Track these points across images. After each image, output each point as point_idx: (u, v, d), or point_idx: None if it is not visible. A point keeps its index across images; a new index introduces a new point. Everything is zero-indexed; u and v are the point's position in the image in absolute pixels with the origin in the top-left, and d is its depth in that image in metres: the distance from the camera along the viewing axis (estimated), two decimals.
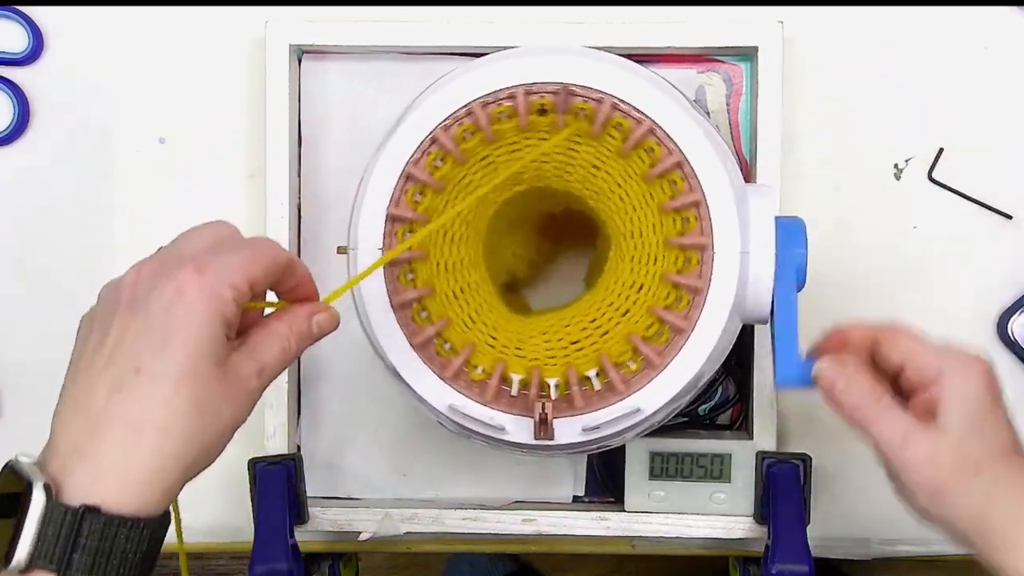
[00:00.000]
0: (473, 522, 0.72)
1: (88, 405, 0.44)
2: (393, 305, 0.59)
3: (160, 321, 0.44)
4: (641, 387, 0.58)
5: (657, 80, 0.62)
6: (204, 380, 0.44)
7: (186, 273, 0.44)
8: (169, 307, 0.44)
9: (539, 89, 0.58)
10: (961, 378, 0.55)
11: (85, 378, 0.45)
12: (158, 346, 0.44)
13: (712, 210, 0.58)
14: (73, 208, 0.75)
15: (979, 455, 0.54)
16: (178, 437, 0.44)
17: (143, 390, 0.43)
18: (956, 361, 0.56)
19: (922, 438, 0.54)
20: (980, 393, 0.55)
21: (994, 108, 0.72)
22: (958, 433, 0.54)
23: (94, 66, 0.74)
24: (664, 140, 0.58)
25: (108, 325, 0.45)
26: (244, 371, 0.46)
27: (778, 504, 0.67)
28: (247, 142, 0.74)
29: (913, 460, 0.54)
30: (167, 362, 0.44)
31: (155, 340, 0.44)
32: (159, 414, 0.43)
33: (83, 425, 0.44)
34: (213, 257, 0.46)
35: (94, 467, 0.43)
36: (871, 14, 0.72)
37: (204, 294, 0.44)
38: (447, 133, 0.58)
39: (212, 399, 0.44)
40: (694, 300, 0.58)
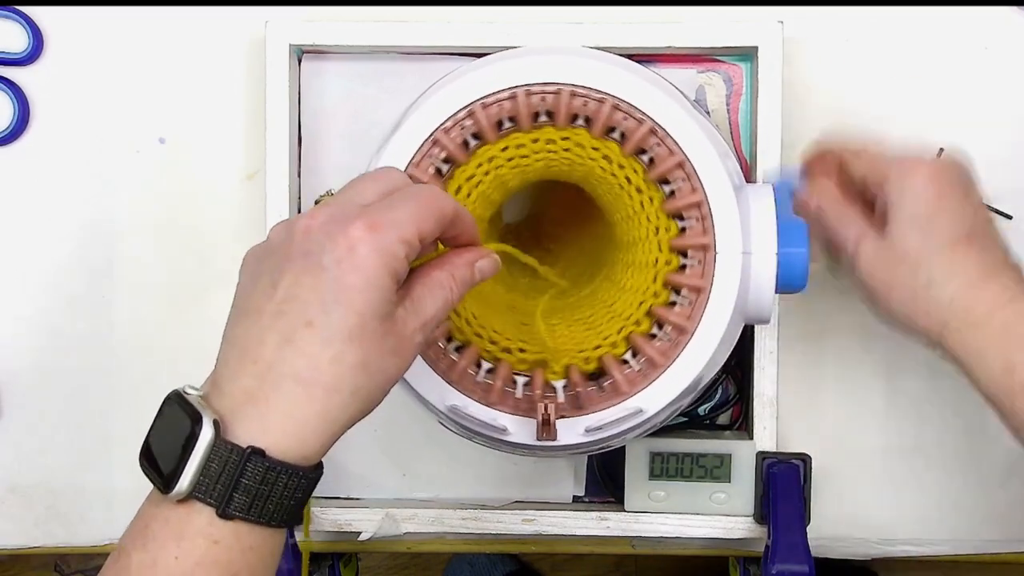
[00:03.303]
0: (473, 522, 0.72)
1: (258, 354, 0.44)
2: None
3: (332, 278, 0.44)
4: (644, 388, 0.58)
5: (657, 80, 0.62)
6: (372, 338, 0.44)
7: (358, 230, 0.44)
8: (341, 264, 0.44)
9: (539, 90, 0.58)
10: (900, 180, 0.58)
11: (255, 326, 0.45)
12: (330, 303, 0.44)
13: (714, 210, 0.58)
14: (73, 208, 0.75)
15: (917, 251, 0.57)
16: (345, 394, 0.44)
17: (314, 347, 0.44)
18: (900, 165, 0.58)
19: (869, 242, 0.58)
20: (921, 191, 0.57)
21: (994, 108, 0.72)
22: (902, 234, 0.57)
23: (94, 66, 0.74)
24: (665, 140, 0.58)
25: (279, 273, 0.45)
26: (409, 327, 0.46)
27: (778, 504, 0.67)
28: (247, 142, 0.74)
29: (861, 261, 0.58)
30: (338, 320, 0.44)
31: (327, 297, 0.44)
32: (328, 371, 0.44)
33: (252, 373, 0.44)
34: (385, 212, 0.45)
35: (262, 414, 0.43)
36: (871, 14, 0.72)
37: (376, 252, 0.44)
38: (448, 135, 0.58)
39: (379, 356, 0.45)
40: (697, 300, 0.58)
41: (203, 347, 0.74)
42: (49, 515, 0.76)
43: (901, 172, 0.58)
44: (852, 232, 0.59)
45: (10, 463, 0.76)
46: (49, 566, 1.41)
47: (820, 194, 0.61)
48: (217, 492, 0.42)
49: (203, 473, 0.42)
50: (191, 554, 0.42)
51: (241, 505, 0.42)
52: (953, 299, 0.56)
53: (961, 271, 0.56)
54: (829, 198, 0.61)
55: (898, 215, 0.57)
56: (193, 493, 0.42)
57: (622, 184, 0.59)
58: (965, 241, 0.57)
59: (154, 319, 0.75)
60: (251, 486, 0.42)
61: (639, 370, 0.58)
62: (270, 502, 0.43)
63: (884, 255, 0.57)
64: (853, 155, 0.61)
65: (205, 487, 0.42)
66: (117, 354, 0.75)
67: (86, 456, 0.76)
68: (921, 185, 0.57)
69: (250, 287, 0.47)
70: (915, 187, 0.57)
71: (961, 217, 0.57)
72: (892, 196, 0.58)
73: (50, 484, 0.76)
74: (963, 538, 0.74)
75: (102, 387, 0.75)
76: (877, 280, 0.58)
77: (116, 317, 0.75)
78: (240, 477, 0.42)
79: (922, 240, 0.57)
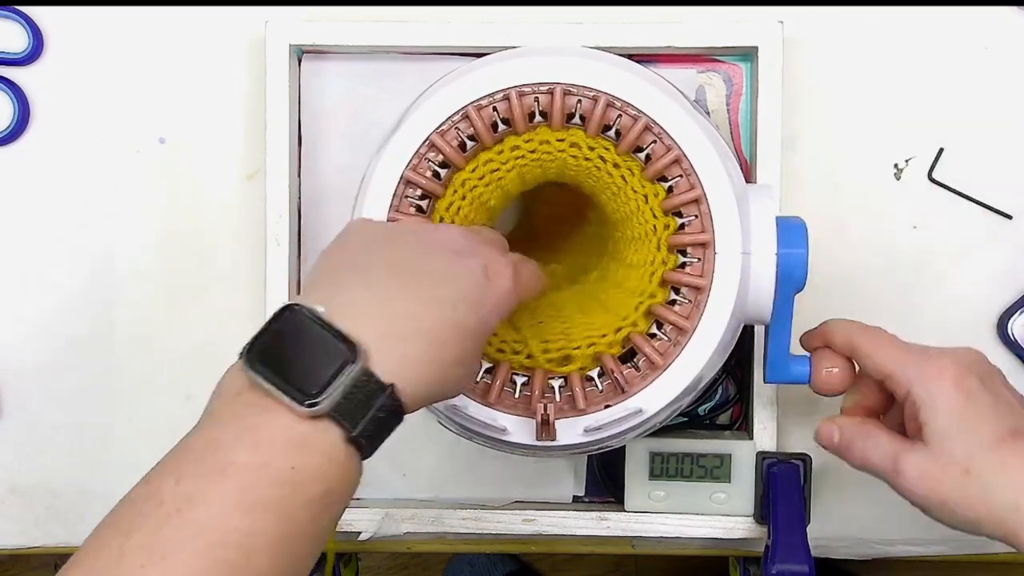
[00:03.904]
0: (473, 522, 0.72)
1: (399, 305, 0.47)
2: None
3: (484, 284, 0.49)
4: (643, 388, 0.58)
5: (657, 80, 0.62)
6: (476, 343, 0.49)
7: (509, 266, 0.51)
8: (491, 280, 0.50)
9: (532, 90, 0.58)
10: (927, 385, 0.56)
11: (397, 281, 0.48)
12: (477, 299, 0.49)
13: (713, 209, 0.58)
14: (73, 208, 0.75)
15: (966, 458, 0.55)
16: (450, 374, 0.48)
17: (445, 324, 0.47)
18: (923, 370, 0.57)
19: (910, 459, 0.56)
20: (952, 397, 0.55)
21: (994, 108, 0.72)
22: (941, 444, 0.55)
23: (94, 66, 0.74)
24: (662, 137, 0.58)
25: (425, 250, 0.50)
26: (481, 353, 0.52)
27: (778, 504, 0.67)
28: (247, 142, 0.74)
29: (907, 483, 0.56)
30: (467, 315, 0.48)
31: (476, 295, 0.49)
32: (448, 350, 0.47)
33: (392, 317, 0.46)
34: (521, 268, 0.53)
35: (402, 356, 0.46)
36: (871, 14, 0.72)
37: (512, 290, 0.51)
38: (443, 138, 0.59)
39: (471, 361, 0.50)
40: (696, 300, 0.58)
41: (203, 347, 0.75)
42: (49, 515, 0.76)
43: (926, 378, 0.56)
44: (887, 457, 0.57)
45: (10, 463, 0.76)
46: (49, 566, 1.41)
47: (842, 427, 0.60)
48: (356, 418, 0.44)
49: (346, 398, 0.44)
50: (307, 467, 0.43)
51: (366, 433, 0.45)
52: (1019, 506, 0.54)
53: (1015, 474, 0.54)
54: (851, 427, 0.60)
55: (934, 426, 0.56)
56: (330, 413, 0.44)
57: (619, 184, 0.58)
58: (1010, 439, 0.55)
59: (154, 319, 0.75)
60: (380, 418, 0.45)
61: (638, 370, 0.58)
62: (381, 434, 0.46)
63: (928, 471, 0.56)
64: (872, 350, 0.59)
65: (346, 410, 0.44)
66: (117, 354, 0.75)
67: (86, 456, 0.76)
68: (951, 390, 0.56)
69: (393, 245, 0.51)
70: (945, 393, 0.56)
71: (997, 415, 0.56)
72: (924, 408, 0.56)
73: (50, 484, 0.76)
74: (963, 538, 0.73)
75: (102, 387, 0.75)
76: (928, 495, 0.56)
77: (116, 317, 0.75)
78: (374, 409, 0.44)
79: (965, 448, 0.55)
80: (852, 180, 0.73)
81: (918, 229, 0.73)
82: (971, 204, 0.72)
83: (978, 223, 0.73)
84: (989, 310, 0.73)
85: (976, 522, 0.55)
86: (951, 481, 0.55)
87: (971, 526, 0.55)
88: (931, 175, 0.73)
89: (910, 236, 0.73)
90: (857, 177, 0.73)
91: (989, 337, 0.72)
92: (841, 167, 0.73)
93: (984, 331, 0.73)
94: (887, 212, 0.73)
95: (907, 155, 0.73)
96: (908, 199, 0.73)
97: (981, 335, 0.72)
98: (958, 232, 0.73)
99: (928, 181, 0.73)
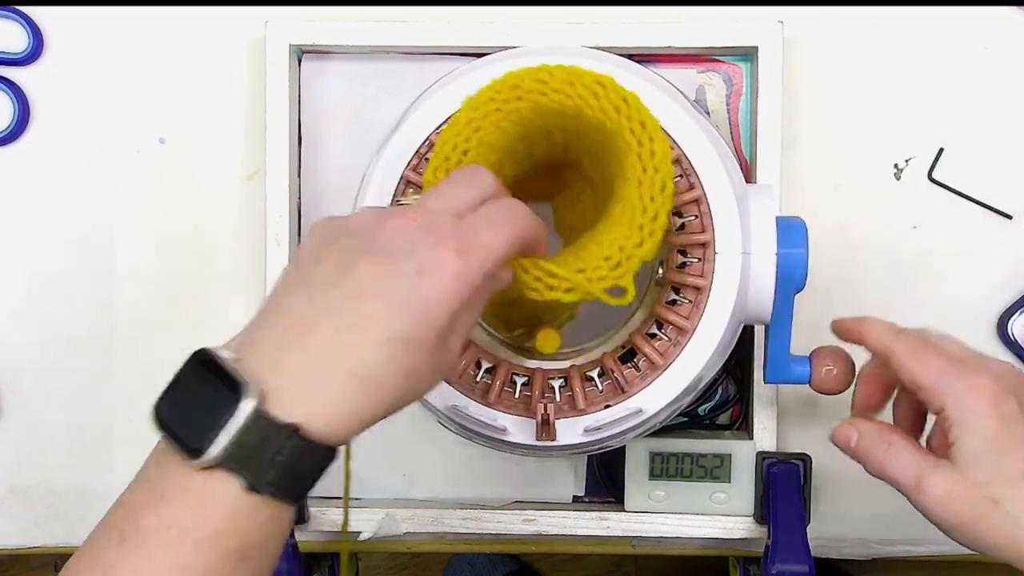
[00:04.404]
0: (473, 522, 0.72)
1: (313, 332, 0.44)
2: None
3: (410, 286, 0.44)
4: (643, 388, 0.58)
5: (657, 80, 0.62)
6: (426, 351, 0.45)
7: (448, 251, 0.45)
8: (422, 277, 0.44)
9: None
10: (966, 407, 0.53)
11: (317, 302, 0.44)
12: (399, 308, 0.44)
13: (713, 209, 0.58)
14: (73, 208, 0.75)
15: (996, 485, 0.52)
16: (386, 394, 0.44)
17: (373, 343, 0.43)
18: (959, 386, 0.54)
19: (936, 478, 0.54)
20: (988, 418, 0.53)
21: (994, 108, 0.72)
22: (970, 466, 0.53)
23: (94, 66, 0.74)
24: None
25: (354, 260, 0.45)
26: (454, 345, 0.47)
27: (778, 504, 0.67)
28: (247, 142, 0.74)
29: (929, 502, 0.54)
30: (402, 327, 0.44)
31: (399, 302, 0.44)
32: (380, 371, 0.44)
33: (304, 349, 0.43)
34: (476, 235, 0.46)
35: (306, 395, 0.43)
36: (871, 14, 0.72)
37: (457, 278, 0.45)
38: None
39: (425, 368, 0.45)
40: (696, 300, 0.58)
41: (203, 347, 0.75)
42: (49, 515, 0.76)
43: (962, 396, 0.54)
44: (910, 472, 0.55)
45: (10, 463, 0.76)
46: (49, 566, 1.41)
47: (862, 431, 0.58)
48: (251, 465, 0.42)
49: (237, 445, 0.41)
50: (210, 524, 0.42)
51: (272, 481, 0.42)
52: None
53: None
54: (872, 434, 0.57)
55: (966, 448, 0.53)
56: (223, 463, 0.42)
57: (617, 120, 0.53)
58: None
59: (154, 319, 0.75)
60: (285, 463, 0.42)
61: (638, 370, 0.58)
62: (297, 480, 0.43)
63: (954, 492, 0.53)
64: (907, 359, 0.56)
65: (238, 459, 0.42)
66: (117, 354, 0.75)
67: (86, 456, 0.76)
68: (987, 413, 0.53)
69: (318, 260, 0.46)
70: (981, 415, 0.53)
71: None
72: (957, 427, 0.54)
73: (50, 484, 0.76)
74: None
75: (102, 387, 0.75)
76: (949, 518, 0.54)
77: (116, 317, 0.75)
78: (276, 454, 0.42)
79: (995, 476, 0.53)
80: (852, 180, 0.73)
81: (918, 229, 0.73)
82: (971, 204, 0.72)
83: (978, 223, 0.73)
84: (989, 310, 0.73)
85: (995, 548, 0.53)
86: (977, 507, 0.53)
87: (988, 551, 0.53)
88: (931, 175, 0.73)
89: (910, 236, 0.73)
90: (857, 177, 0.73)
91: (989, 337, 0.73)
92: (841, 167, 0.73)
93: (984, 331, 0.73)
94: (887, 212, 0.73)
95: (907, 155, 0.73)
96: (908, 199, 0.73)
97: (981, 335, 0.72)
98: (958, 232, 0.73)
99: (928, 181, 0.73)
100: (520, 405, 0.59)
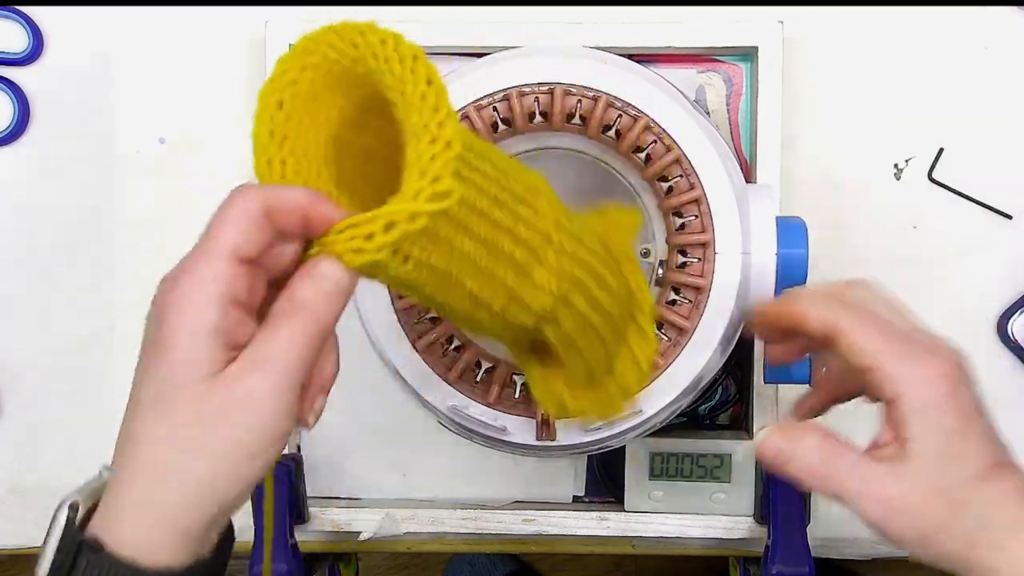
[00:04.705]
0: (473, 522, 0.72)
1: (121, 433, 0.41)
2: (396, 307, 0.59)
3: (145, 347, 0.40)
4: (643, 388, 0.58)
5: (657, 80, 0.62)
6: (187, 404, 0.38)
7: (162, 286, 0.40)
8: (151, 330, 0.40)
9: (532, 90, 0.58)
10: (923, 400, 0.47)
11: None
12: (142, 373, 0.39)
13: (713, 209, 0.58)
14: (73, 208, 0.75)
15: (959, 488, 0.47)
16: (172, 478, 0.38)
17: (133, 424, 0.39)
18: (919, 374, 0.47)
19: (886, 484, 0.47)
20: (946, 414, 0.47)
21: (994, 108, 0.72)
22: (929, 469, 0.47)
23: (94, 66, 0.74)
24: (662, 137, 0.58)
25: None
26: (247, 382, 0.39)
27: (778, 504, 0.67)
28: (247, 142, 0.74)
29: (881, 513, 0.48)
30: (147, 391, 0.39)
31: (141, 367, 0.40)
32: (146, 452, 0.39)
33: (116, 453, 0.41)
34: (193, 251, 0.40)
35: (107, 505, 0.40)
36: (871, 14, 0.72)
37: (176, 307, 0.39)
38: None
39: (202, 428, 0.38)
40: (696, 300, 0.58)
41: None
42: (49, 515, 0.76)
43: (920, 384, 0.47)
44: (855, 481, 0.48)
45: (10, 463, 0.76)
46: None
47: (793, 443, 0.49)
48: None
49: (53, 566, 0.39)
50: None
51: None
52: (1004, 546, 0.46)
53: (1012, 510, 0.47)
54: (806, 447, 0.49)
55: (924, 446, 0.47)
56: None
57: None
58: (997, 470, 0.47)
59: None
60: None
61: None
62: None
63: (908, 499, 0.47)
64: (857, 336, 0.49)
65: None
66: (117, 354, 0.75)
67: (86, 456, 0.75)
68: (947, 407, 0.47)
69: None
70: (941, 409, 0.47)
71: (990, 437, 0.48)
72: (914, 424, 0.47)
73: (50, 484, 0.76)
74: None
75: (102, 387, 0.75)
76: (906, 527, 0.47)
77: (116, 317, 0.75)
78: (72, 570, 0.39)
79: (959, 472, 0.47)
80: (852, 180, 0.73)
81: (918, 229, 0.73)
82: (971, 204, 0.72)
83: (978, 223, 0.73)
84: (989, 310, 0.73)
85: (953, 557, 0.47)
86: (939, 514, 0.47)
87: (946, 560, 0.47)
88: (931, 175, 0.73)
89: (910, 236, 0.73)
90: (857, 177, 0.73)
91: (989, 337, 0.73)
92: (841, 167, 0.73)
93: (984, 331, 0.73)
94: (887, 212, 0.73)
95: (907, 155, 0.73)
96: (908, 199, 0.73)
97: (981, 335, 0.72)
98: (958, 232, 0.73)
99: (928, 181, 0.73)
100: (520, 405, 0.59)
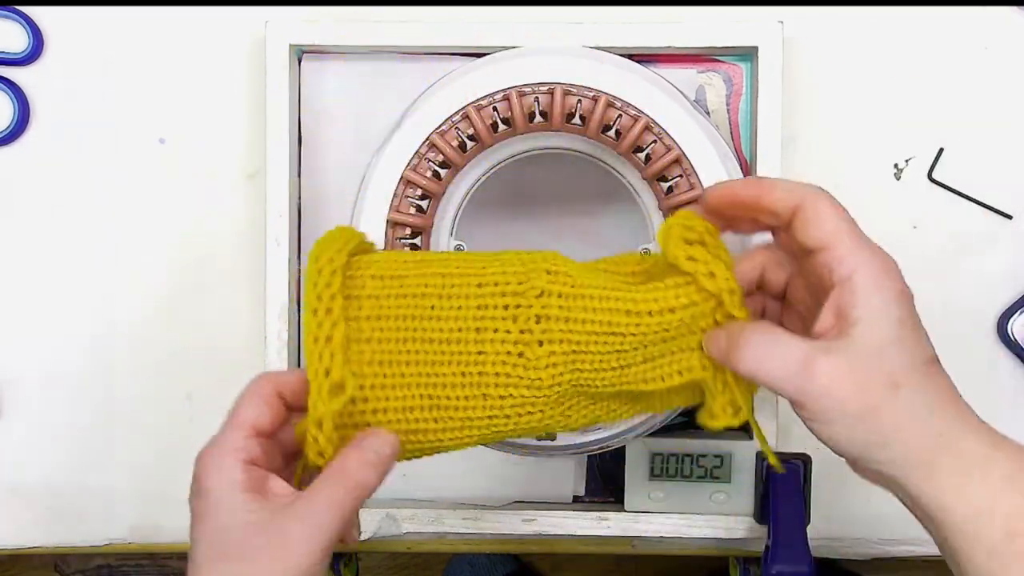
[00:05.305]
0: (473, 522, 0.72)
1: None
2: None
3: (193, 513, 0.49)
4: None
5: (657, 80, 0.62)
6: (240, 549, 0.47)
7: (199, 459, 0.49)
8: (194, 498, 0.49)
9: (532, 90, 0.58)
10: (877, 285, 0.48)
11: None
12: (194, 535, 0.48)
13: None
14: (73, 208, 0.75)
15: (899, 368, 0.47)
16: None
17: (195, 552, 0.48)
18: (871, 262, 0.48)
19: (829, 358, 0.47)
20: (898, 303, 0.48)
21: (994, 108, 0.72)
22: (875, 345, 0.47)
23: (94, 66, 0.74)
24: (662, 137, 0.58)
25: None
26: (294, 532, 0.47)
27: (778, 504, 0.67)
28: (247, 142, 0.74)
29: (821, 385, 0.47)
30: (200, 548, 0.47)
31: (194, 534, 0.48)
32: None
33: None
34: (223, 425, 0.49)
35: None
36: (871, 14, 0.72)
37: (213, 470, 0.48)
38: (443, 138, 0.59)
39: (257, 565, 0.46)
40: None
41: (203, 347, 0.75)
42: (49, 515, 0.76)
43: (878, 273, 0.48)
44: (793, 358, 0.47)
45: (10, 463, 0.76)
46: (49, 566, 1.41)
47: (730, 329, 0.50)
48: None
49: None
50: None
51: None
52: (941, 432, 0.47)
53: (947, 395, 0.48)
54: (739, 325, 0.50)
55: (871, 326, 0.47)
56: None
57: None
58: (932, 365, 0.48)
59: (154, 319, 0.75)
60: None
61: None
62: None
63: (852, 374, 0.47)
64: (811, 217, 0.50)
65: None
66: (117, 354, 0.75)
67: (86, 456, 0.76)
68: (899, 294, 0.48)
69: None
70: (894, 294, 0.48)
71: (924, 336, 0.49)
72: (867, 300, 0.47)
73: (50, 484, 0.76)
74: None
75: (102, 387, 0.75)
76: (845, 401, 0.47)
77: (116, 317, 0.75)
78: None
79: (901, 358, 0.47)
80: (852, 180, 0.73)
81: (918, 229, 0.73)
82: (971, 204, 0.73)
83: (978, 223, 0.73)
84: (989, 310, 0.73)
85: (884, 443, 0.47)
86: (876, 391, 0.46)
87: (874, 448, 0.47)
88: (931, 175, 0.73)
89: (910, 236, 0.73)
90: (857, 177, 0.73)
91: (989, 337, 0.73)
92: (841, 167, 0.73)
93: (984, 331, 0.73)
94: (887, 212, 0.73)
95: (907, 155, 0.73)
96: (908, 199, 0.73)
97: (981, 335, 0.73)
98: (958, 232, 0.73)
99: (928, 181, 0.73)
100: None
